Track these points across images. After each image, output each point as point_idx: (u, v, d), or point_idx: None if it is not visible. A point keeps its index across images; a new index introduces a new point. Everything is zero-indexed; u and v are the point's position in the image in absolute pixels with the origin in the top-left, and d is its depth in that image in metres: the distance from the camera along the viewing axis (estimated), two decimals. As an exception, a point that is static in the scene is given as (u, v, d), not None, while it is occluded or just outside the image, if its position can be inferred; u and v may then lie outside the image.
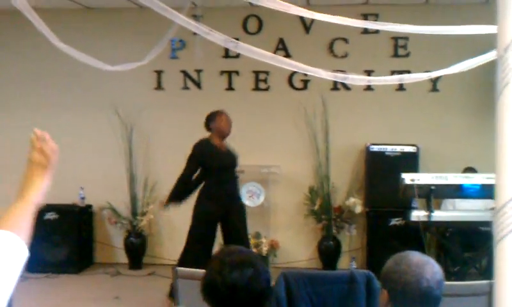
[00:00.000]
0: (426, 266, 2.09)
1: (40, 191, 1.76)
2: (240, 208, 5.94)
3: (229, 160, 5.86)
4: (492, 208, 6.40)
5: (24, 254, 1.60)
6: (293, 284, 3.58)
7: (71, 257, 7.25)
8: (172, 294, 4.91)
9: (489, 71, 5.80)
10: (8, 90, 7.72)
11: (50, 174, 1.82)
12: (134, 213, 7.44)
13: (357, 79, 4.82)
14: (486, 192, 6.02)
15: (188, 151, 7.52)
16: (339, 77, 5.12)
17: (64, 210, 7.31)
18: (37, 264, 7.11)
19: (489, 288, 3.49)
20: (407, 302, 2.07)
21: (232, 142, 7.42)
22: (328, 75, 4.80)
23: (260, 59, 4.62)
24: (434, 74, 4.78)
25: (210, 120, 5.84)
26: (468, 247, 6.53)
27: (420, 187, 5.93)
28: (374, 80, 4.91)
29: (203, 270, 3.60)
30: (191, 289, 3.77)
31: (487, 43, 5.24)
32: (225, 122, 5.83)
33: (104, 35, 7.50)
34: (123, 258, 7.54)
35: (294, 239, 7.43)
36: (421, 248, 6.41)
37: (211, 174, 5.72)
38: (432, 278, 2.07)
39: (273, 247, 7.16)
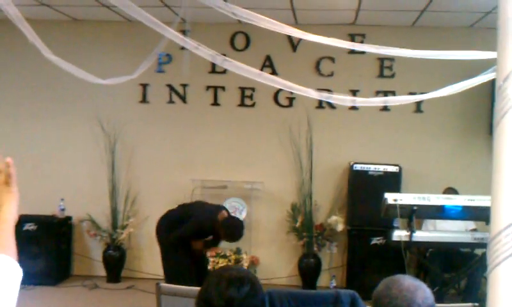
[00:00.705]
0: (417, 291, 2.08)
1: (14, 208, 1.77)
2: None
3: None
4: (473, 230, 6.50)
5: (18, 273, 1.59)
6: (277, 303, 3.56)
7: (49, 269, 7.13)
8: None
9: (472, 94, 5.91)
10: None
11: (16, 190, 1.82)
12: (114, 226, 7.36)
13: (342, 99, 4.84)
14: (467, 213, 6.10)
15: (172, 164, 7.54)
16: (324, 96, 5.16)
17: (43, 221, 7.22)
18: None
19: (473, 312, 3.51)
20: (398, 327, 2.06)
21: (216, 157, 7.45)
22: (313, 94, 4.83)
23: (246, 76, 4.63)
24: (420, 97, 4.86)
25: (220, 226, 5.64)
26: (448, 268, 6.58)
27: (403, 207, 5.97)
28: (359, 101, 4.94)
29: (187, 287, 3.56)
30: (173, 306, 3.75)
31: (473, 66, 5.36)
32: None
33: (91, 47, 7.45)
34: (101, 270, 7.45)
35: (275, 255, 7.42)
36: (401, 267, 6.50)
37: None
38: (424, 303, 2.06)
39: (253, 263, 7.14)
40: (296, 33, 4.46)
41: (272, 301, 3.56)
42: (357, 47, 5.06)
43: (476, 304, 3.54)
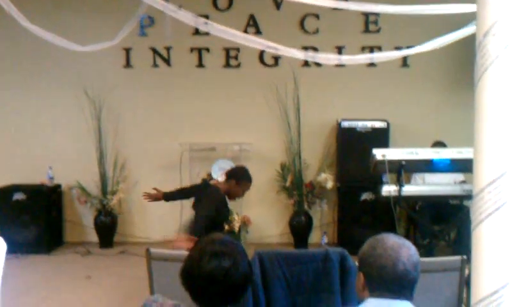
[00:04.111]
0: (402, 249, 2.09)
1: None
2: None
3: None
4: (462, 181, 6.53)
5: (2, 246, 1.59)
6: (267, 263, 3.58)
7: (40, 237, 7.14)
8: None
9: (458, 47, 5.87)
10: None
11: None
12: (104, 192, 7.35)
13: (327, 58, 4.79)
14: (456, 166, 6.13)
15: (159, 129, 7.49)
16: (309, 55, 5.11)
17: (32, 190, 7.21)
18: (6, 244, 7.02)
19: (460, 264, 3.55)
20: (383, 285, 2.06)
21: (203, 119, 7.41)
22: (298, 55, 4.78)
23: (231, 39, 4.56)
24: (404, 53, 4.82)
25: (236, 176, 5.33)
26: (437, 220, 6.64)
27: (391, 162, 5.99)
28: (344, 59, 4.89)
29: (177, 252, 3.56)
30: (164, 270, 3.76)
31: (459, 19, 5.30)
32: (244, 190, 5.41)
33: (70, 14, 7.30)
34: (93, 237, 7.47)
35: (266, 215, 7.45)
36: (391, 222, 6.56)
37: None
38: (409, 261, 2.07)
39: (245, 223, 7.16)
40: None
41: (262, 262, 3.58)
42: (341, 5, 4.97)
43: (464, 256, 3.57)
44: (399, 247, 2.09)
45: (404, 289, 2.07)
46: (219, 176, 7.08)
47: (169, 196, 5.56)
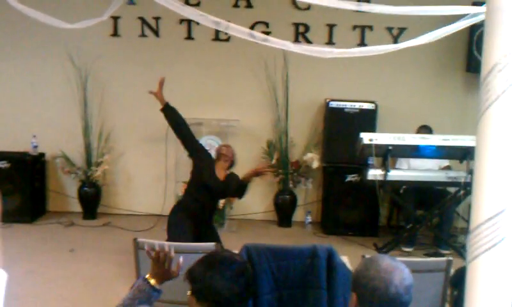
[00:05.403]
0: (395, 271, 2.10)
1: None
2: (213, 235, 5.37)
3: (217, 188, 5.40)
4: (446, 167, 6.59)
5: (2, 276, 1.59)
6: (255, 257, 3.59)
7: (24, 206, 7.09)
8: None
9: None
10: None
11: None
12: (89, 163, 7.29)
13: (321, 51, 4.74)
14: (441, 152, 6.21)
15: (145, 101, 7.39)
16: (303, 48, 5.04)
17: (16, 159, 7.13)
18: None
19: (446, 265, 3.60)
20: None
21: (191, 93, 7.32)
22: (292, 47, 4.74)
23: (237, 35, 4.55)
24: (401, 45, 4.75)
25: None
26: (421, 204, 6.71)
27: (378, 146, 6.02)
28: (337, 52, 4.84)
29: (165, 243, 3.54)
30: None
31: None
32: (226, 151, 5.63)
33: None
34: (76, 207, 7.42)
35: (251, 192, 7.28)
36: (375, 204, 6.62)
37: (193, 186, 5.41)
38: (401, 284, 2.08)
39: (229, 199, 7.16)
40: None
41: (250, 255, 3.59)
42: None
43: (450, 258, 3.62)
44: (393, 270, 2.09)
45: (396, 311, 2.09)
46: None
47: (169, 109, 5.53)
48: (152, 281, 2.35)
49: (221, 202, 7.00)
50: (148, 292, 2.32)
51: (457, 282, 3.64)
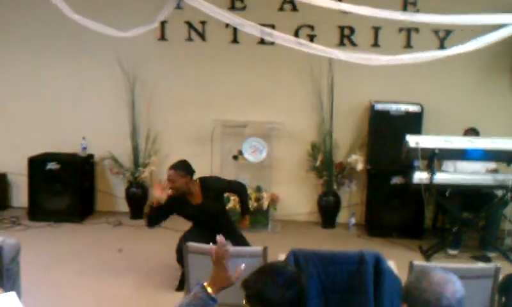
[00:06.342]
0: (447, 284, 2.10)
1: None
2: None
3: (200, 212, 5.19)
4: (493, 170, 6.50)
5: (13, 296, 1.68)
6: (302, 262, 3.63)
7: (73, 206, 7.31)
8: (178, 260, 4.97)
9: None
10: (14, 42, 7.67)
11: None
12: (136, 164, 7.45)
13: (367, 59, 4.75)
14: (489, 155, 6.13)
15: (192, 103, 7.52)
16: (353, 57, 5.02)
17: (66, 160, 7.35)
18: (39, 213, 7.22)
19: (494, 272, 3.57)
20: (426, 319, 2.09)
21: (236, 96, 7.42)
22: (340, 55, 4.75)
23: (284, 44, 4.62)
24: (449, 52, 4.71)
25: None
26: (467, 207, 6.62)
27: (424, 149, 5.98)
28: (387, 59, 4.83)
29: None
30: (199, 262, 3.84)
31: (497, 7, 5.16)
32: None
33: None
34: (124, 207, 7.59)
35: (295, 194, 7.50)
36: (420, 207, 6.57)
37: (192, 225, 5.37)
38: (453, 296, 2.08)
39: (273, 200, 7.23)
40: None
41: (297, 260, 3.63)
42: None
43: (498, 264, 3.58)
44: (445, 283, 2.10)
45: (447, 324, 2.09)
46: (249, 154, 7.13)
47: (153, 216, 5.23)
48: (209, 290, 2.41)
49: (265, 204, 7.05)
50: (204, 300, 2.37)
51: (506, 289, 3.63)
